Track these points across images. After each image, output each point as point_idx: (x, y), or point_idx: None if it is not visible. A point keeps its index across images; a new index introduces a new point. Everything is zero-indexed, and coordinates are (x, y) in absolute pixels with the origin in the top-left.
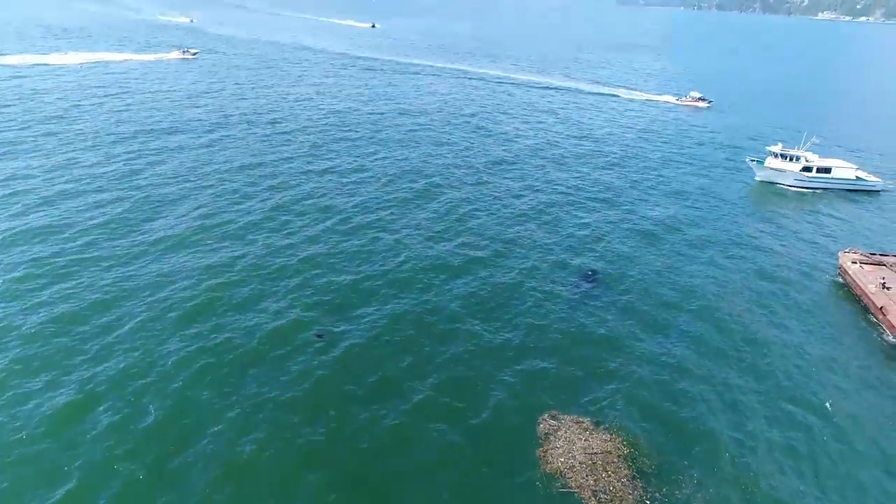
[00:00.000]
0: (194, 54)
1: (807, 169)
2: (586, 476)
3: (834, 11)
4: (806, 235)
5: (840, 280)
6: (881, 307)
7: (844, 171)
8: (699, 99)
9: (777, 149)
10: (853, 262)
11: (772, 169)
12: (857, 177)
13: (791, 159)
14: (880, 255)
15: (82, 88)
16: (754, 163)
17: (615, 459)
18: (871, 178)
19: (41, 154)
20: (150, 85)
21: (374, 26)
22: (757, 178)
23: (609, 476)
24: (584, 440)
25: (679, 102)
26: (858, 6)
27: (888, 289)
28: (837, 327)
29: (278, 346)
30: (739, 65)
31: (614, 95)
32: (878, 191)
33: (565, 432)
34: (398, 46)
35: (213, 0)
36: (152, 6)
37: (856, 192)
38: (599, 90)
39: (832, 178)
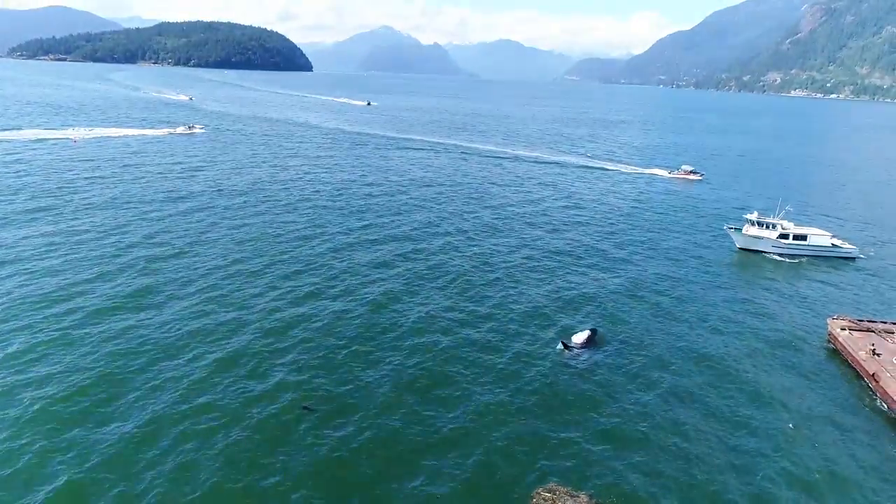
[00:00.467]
0: (200, 129)
1: (783, 236)
2: None
3: (805, 89)
4: (791, 301)
5: (830, 346)
6: (873, 374)
7: (820, 238)
8: (691, 172)
9: (753, 216)
10: (842, 329)
11: (750, 236)
12: (832, 244)
13: (767, 227)
14: (868, 321)
15: (96, 161)
16: (732, 230)
17: None
18: (846, 245)
19: (45, 223)
20: (155, 158)
21: (369, 104)
22: (737, 246)
23: None
24: None
25: (671, 175)
26: (828, 84)
27: (878, 355)
28: (831, 394)
29: (272, 418)
30: (723, 139)
31: (605, 169)
32: (853, 258)
33: None
34: (393, 122)
35: (207, 79)
36: (148, 84)
37: (832, 259)
38: (591, 164)
39: (808, 245)
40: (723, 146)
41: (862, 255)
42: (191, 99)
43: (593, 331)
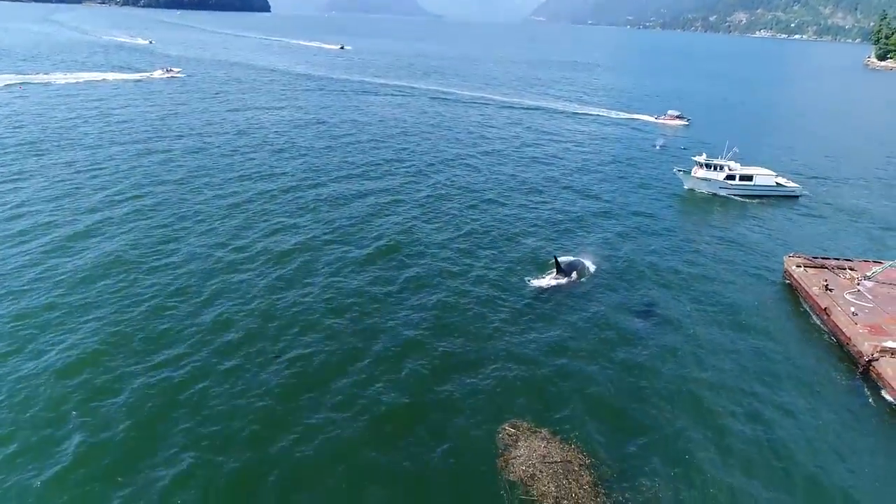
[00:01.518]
0: (178, 73)
1: (730, 177)
2: (548, 484)
3: (770, 30)
4: (744, 240)
5: (786, 282)
6: (825, 308)
7: (765, 177)
8: (677, 117)
9: (701, 158)
10: (797, 266)
11: (698, 178)
12: (777, 183)
13: (715, 168)
14: (822, 258)
15: (76, 106)
16: (681, 173)
17: (576, 468)
18: (791, 183)
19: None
20: (137, 102)
21: (342, 48)
22: (685, 188)
23: (570, 483)
24: (544, 448)
25: (657, 120)
26: (792, 25)
27: (830, 291)
28: (784, 327)
29: (240, 369)
30: (702, 84)
31: (586, 114)
32: (797, 196)
33: (525, 441)
34: (367, 67)
35: (160, 20)
36: (98, 27)
37: (777, 198)
38: (571, 108)
39: (754, 185)
40: (695, 90)
41: (805, 193)
42: (150, 42)
43: (577, 260)
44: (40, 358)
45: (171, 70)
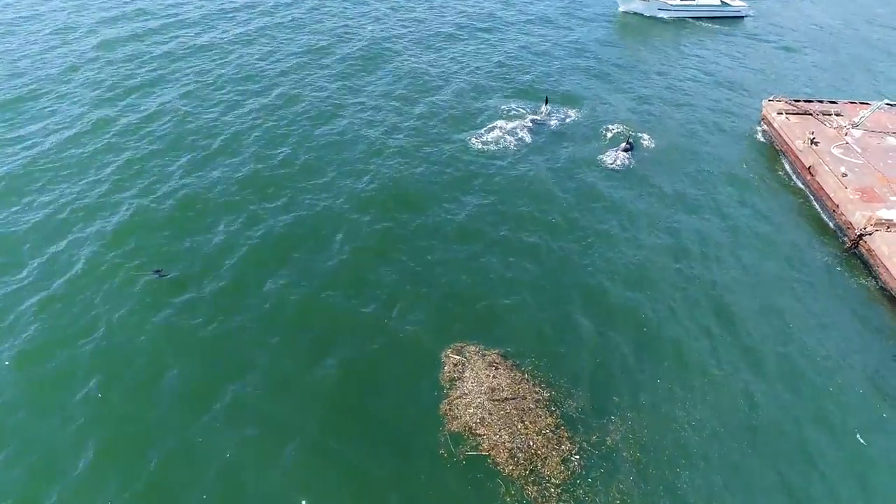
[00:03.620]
0: None
1: None
2: (499, 431)
3: None
4: (699, 74)
5: (764, 130)
6: (809, 167)
7: None
8: None
9: None
10: (779, 113)
11: None
12: (721, 1)
13: None
14: (805, 101)
15: None
16: None
17: (532, 405)
18: (736, 2)
19: None
20: None
21: None
22: (620, 9)
23: (527, 428)
24: (494, 378)
25: None
26: None
27: (816, 144)
28: (761, 193)
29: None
30: None
31: None
32: (742, 16)
33: (472, 372)
34: None
35: None
36: None
37: (722, 19)
38: None
39: (697, 6)
40: None
41: (751, 13)
42: None
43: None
44: None
45: None
